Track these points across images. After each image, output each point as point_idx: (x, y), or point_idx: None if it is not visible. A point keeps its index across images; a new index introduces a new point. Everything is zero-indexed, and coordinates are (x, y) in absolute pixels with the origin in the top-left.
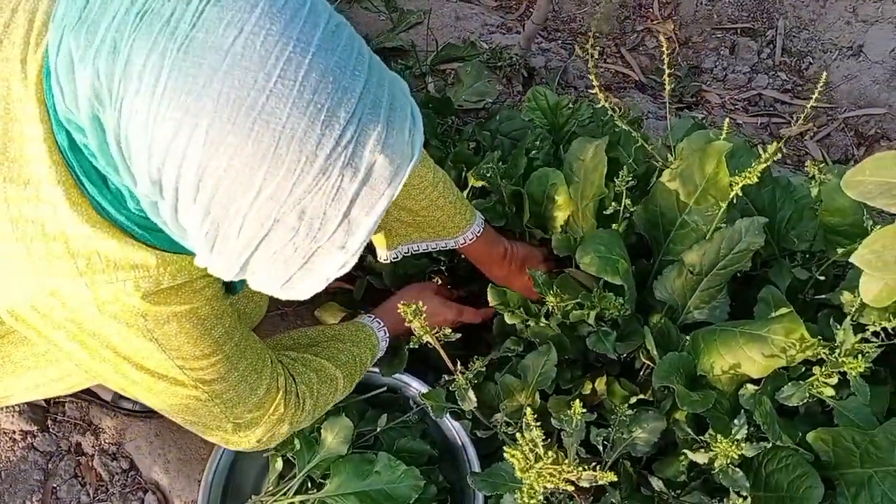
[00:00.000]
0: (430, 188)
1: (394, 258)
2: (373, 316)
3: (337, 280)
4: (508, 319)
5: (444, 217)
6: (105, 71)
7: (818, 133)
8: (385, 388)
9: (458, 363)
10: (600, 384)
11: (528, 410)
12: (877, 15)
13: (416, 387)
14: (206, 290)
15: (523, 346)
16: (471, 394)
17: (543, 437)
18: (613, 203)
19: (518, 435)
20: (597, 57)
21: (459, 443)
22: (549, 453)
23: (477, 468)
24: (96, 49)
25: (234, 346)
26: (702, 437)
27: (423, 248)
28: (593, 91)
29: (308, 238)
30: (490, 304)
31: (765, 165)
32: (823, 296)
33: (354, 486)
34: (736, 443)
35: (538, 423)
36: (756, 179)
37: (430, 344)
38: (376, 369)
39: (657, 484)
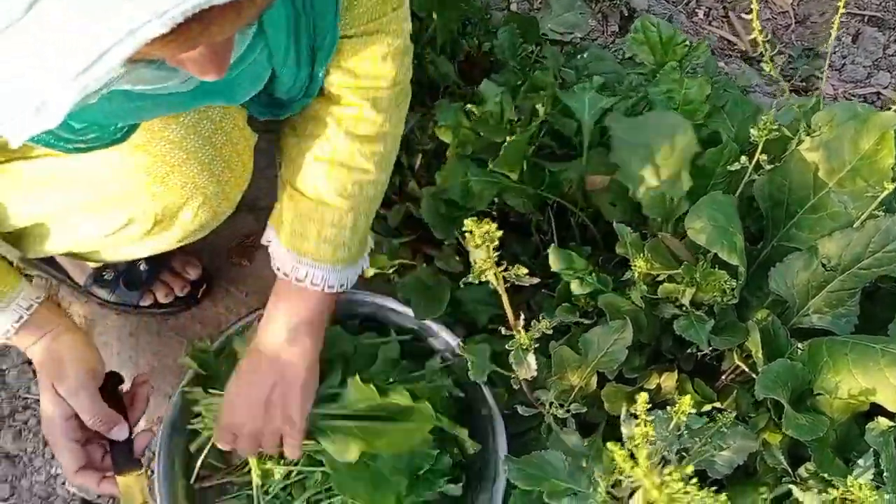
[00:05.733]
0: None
1: None
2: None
3: None
4: (576, 289)
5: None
6: None
7: None
8: (410, 336)
9: (522, 317)
10: (668, 381)
11: (642, 398)
12: None
13: (446, 338)
14: None
15: (580, 316)
16: (531, 358)
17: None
18: (742, 159)
19: (626, 433)
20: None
21: (487, 413)
22: (673, 473)
23: (504, 448)
24: None
25: None
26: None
27: None
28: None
29: None
30: (553, 268)
31: None
32: None
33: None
34: (876, 490)
35: (645, 421)
36: None
37: (492, 284)
38: (407, 309)
39: None
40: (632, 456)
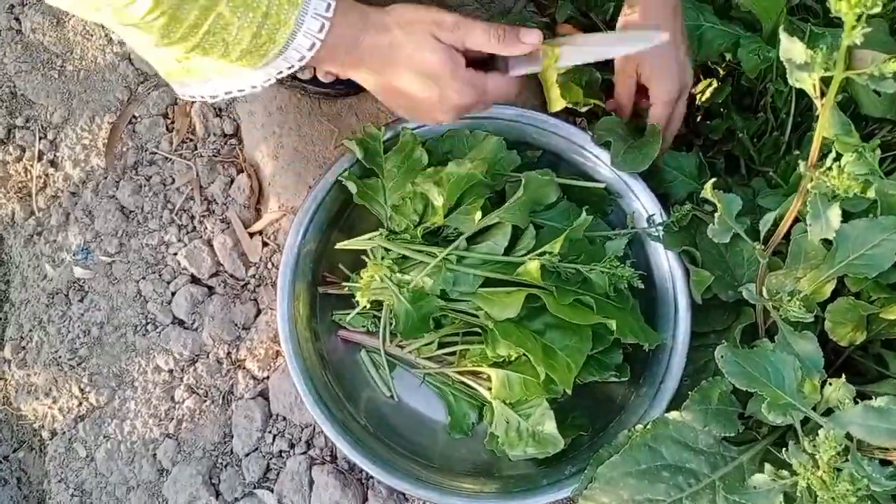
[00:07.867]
0: None
1: None
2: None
3: None
4: (851, 165)
5: None
6: None
7: None
8: (604, 186)
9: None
10: None
11: None
12: None
13: (645, 201)
14: None
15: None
16: (835, 212)
17: None
18: None
19: None
20: None
21: (671, 296)
22: None
23: (685, 343)
24: None
25: None
26: None
27: None
28: None
29: None
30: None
31: None
32: None
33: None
34: None
35: None
36: None
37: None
38: (602, 153)
39: None
40: None
